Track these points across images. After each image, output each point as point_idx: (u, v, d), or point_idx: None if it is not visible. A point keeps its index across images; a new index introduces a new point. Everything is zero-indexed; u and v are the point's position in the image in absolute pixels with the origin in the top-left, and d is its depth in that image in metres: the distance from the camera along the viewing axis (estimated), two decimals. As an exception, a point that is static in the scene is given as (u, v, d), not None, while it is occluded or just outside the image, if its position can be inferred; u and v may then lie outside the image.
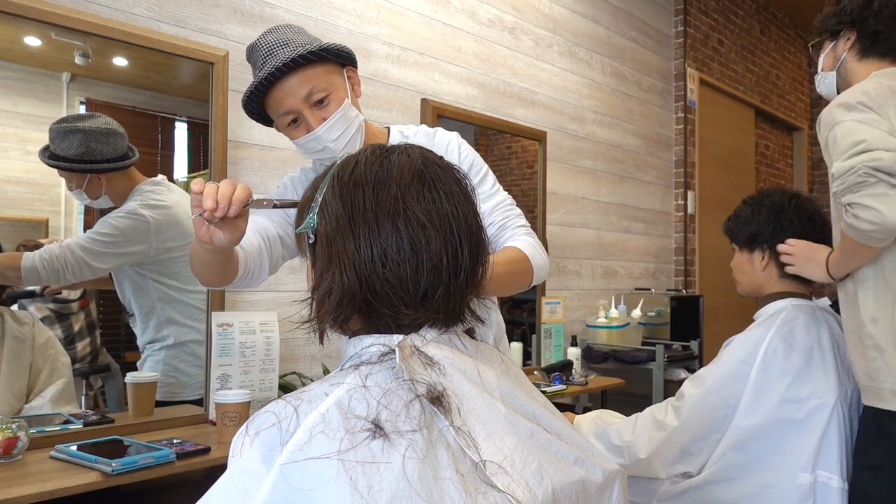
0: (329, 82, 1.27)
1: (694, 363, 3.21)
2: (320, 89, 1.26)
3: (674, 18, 4.21)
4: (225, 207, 1.00)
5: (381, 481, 0.63)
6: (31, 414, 1.67)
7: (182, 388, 1.90)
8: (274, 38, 1.26)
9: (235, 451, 0.69)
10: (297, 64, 1.23)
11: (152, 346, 1.90)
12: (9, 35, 1.68)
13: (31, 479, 1.32)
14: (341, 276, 0.74)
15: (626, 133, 3.80)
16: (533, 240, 1.36)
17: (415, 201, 0.75)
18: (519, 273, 1.29)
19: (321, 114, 1.27)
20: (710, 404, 1.56)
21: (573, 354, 2.94)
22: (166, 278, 1.89)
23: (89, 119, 1.76)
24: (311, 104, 1.26)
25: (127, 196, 1.84)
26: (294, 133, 1.30)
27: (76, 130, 1.73)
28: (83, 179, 1.77)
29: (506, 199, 1.41)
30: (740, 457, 1.52)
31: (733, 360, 1.58)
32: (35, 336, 1.74)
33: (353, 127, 1.31)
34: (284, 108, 1.26)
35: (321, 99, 1.26)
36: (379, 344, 0.75)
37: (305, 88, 1.24)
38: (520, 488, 0.69)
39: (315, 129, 1.26)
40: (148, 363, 1.90)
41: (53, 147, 1.73)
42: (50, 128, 1.72)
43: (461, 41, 2.83)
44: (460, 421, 0.71)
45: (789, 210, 1.65)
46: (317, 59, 1.25)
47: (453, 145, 1.41)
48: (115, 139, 1.80)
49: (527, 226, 1.40)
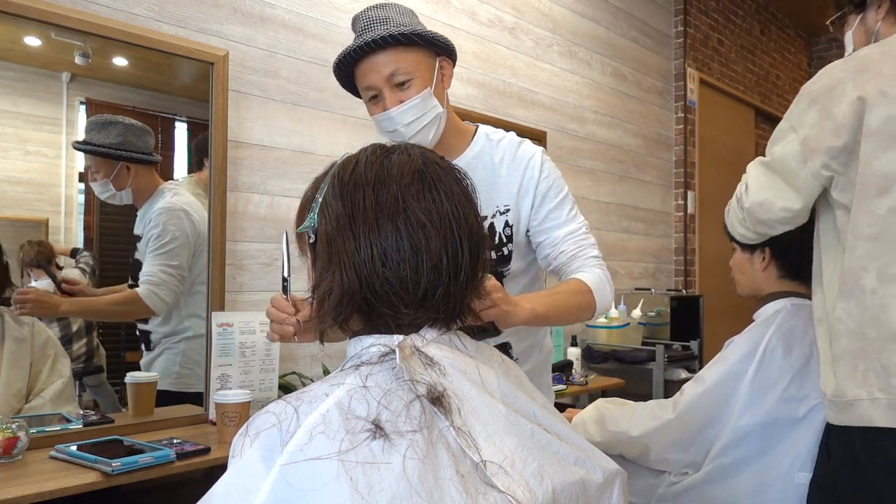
0: (416, 67, 1.27)
1: (694, 363, 3.21)
2: (405, 72, 1.26)
3: (674, 18, 4.21)
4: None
5: (382, 482, 0.63)
6: (31, 414, 1.67)
7: (196, 380, 1.92)
8: (377, 13, 1.28)
9: (235, 451, 0.69)
10: (387, 43, 1.24)
11: (170, 339, 1.94)
12: (9, 35, 1.68)
13: (31, 479, 1.32)
14: (341, 275, 0.74)
15: (626, 133, 3.80)
16: (603, 274, 1.31)
17: (415, 201, 0.75)
18: (579, 307, 1.26)
19: (400, 95, 1.27)
20: (708, 401, 1.57)
21: (573, 354, 2.95)
22: (195, 271, 1.95)
23: (125, 117, 1.88)
24: (392, 84, 1.26)
25: (150, 194, 1.94)
26: (373, 109, 1.31)
27: (116, 122, 1.85)
28: (112, 169, 1.85)
29: (581, 228, 1.36)
30: (739, 456, 1.52)
31: (733, 359, 1.59)
32: (35, 336, 1.74)
33: (430, 116, 1.30)
34: (367, 83, 1.28)
35: (403, 81, 1.26)
36: (379, 344, 0.75)
37: (391, 68, 1.25)
38: (520, 489, 0.69)
39: (390, 108, 1.27)
40: (164, 356, 1.93)
41: (89, 137, 1.82)
42: (89, 120, 1.84)
43: (461, 41, 2.82)
44: (461, 421, 0.71)
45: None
46: (409, 42, 1.26)
47: (535, 160, 1.37)
48: (147, 137, 1.92)
49: (599, 257, 1.35)
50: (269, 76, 2.17)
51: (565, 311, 1.24)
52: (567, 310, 1.24)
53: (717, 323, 4.07)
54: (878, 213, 1.18)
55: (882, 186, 1.18)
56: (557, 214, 1.35)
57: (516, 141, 1.41)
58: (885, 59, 1.24)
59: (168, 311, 1.93)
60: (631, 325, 3.27)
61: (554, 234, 1.34)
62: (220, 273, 1.93)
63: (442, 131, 1.33)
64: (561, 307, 1.22)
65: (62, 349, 1.79)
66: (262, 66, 2.15)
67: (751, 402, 1.52)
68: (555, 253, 1.34)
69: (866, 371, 1.17)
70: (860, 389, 1.17)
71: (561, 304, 1.21)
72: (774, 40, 5.34)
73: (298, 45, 2.25)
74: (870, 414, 1.16)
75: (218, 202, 1.92)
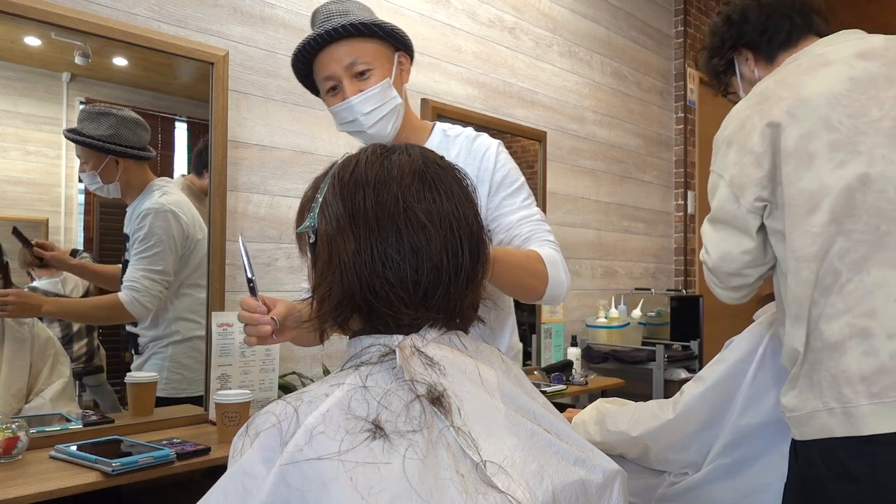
0: (375, 58, 1.28)
1: (694, 363, 3.21)
2: (364, 62, 1.27)
3: (674, 18, 4.21)
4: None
5: (382, 482, 0.63)
6: (31, 414, 1.67)
7: (187, 385, 1.91)
8: (337, 7, 1.29)
9: (235, 451, 0.69)
10: (348, 32, 1.25)
11: (158, 342, 1.91)
12: (9, 35, 1.68)
13: (31, 479, 1.32)
14: (342, 275, 0.74)
15: (626, 133, 3.80)
16: (557, 255, 1.30)
17: (415, 201, 0.75)
18: (530, 272, 1.23)
19: (360, 85, 1.28)
20: (708, 401, 1.57)
21: (573, 354, 2.95)
22: (181, 273, 1.92)
23: (121, 109, 1.84)
24: (352, 74, 1.27)
25: (141, 189, 1.89)
26: (331, 100, 1.31)
27: (109, 114, 1.80)
28: (101, 161, 1.80)
29: (536, 214, 1.37)
30: (739, 456, 1.52)
31: (733, 359, 1.58)
32: (35, 336, 1.74)
33: (388, 107, 1.30)
34: (327, 73, 1.28)
35: (363, 71, 1.27)
36: (379, 344, 0.75)
37: (351, 57, 1.26)
38: (520, 489, 0.69)
39: (349, 97, 1.27)
40: (152, 361, 1.90)
41: (80, 127, 1.78)
42: (82, 109, 1.79)
43: (461, 41, 2.82)
44: (460, 421, 0.71)
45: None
46: (370, 33, 1.27)
47: (491, 152, 1.38)
48: (141, 131, 1.87)
49: (555, 242, 1.35)
50: (269, 76, 2.17)
51: (516, 266, 1.20)
52: (518, 266, 1.21)
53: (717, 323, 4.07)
54: (812, 232, 1.19)
55: (811, 204, 1.19)
56: (512, 202, 1.36)
57: (472, 135, 1.42)
58: (781, 86, 1.26)
59: (155, 315, 1.90)
60: (631, 325, 3.27)
61: (508, 219, 1.34)
62: (220, 273, 1.93)
63: (400, 125, 1.34)
64: (513, 261, 1.19)
65: (62, 349, 1.80)
66: (262, 66, 2.15)
67: (751, 402, 1.52)
68: (509, 237, 1.33)
69: (819, 382, 1.18)
70: (817, 401, 1.18)
71: (513, 259, 1.19)
72: (774, 40, 5.33)
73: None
74: (829, 425, 1.17)
75: (218, 202, 1.92)
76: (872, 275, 1.13)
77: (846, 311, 1.15)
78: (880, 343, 1.11)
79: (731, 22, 1.47)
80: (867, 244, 1.14)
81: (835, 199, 1.16)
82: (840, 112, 1.18)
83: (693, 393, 1.59)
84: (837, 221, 1.16)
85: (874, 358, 1.11)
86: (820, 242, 1.18)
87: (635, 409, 1.68)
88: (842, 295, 1.15)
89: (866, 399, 1.12)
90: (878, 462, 1.11)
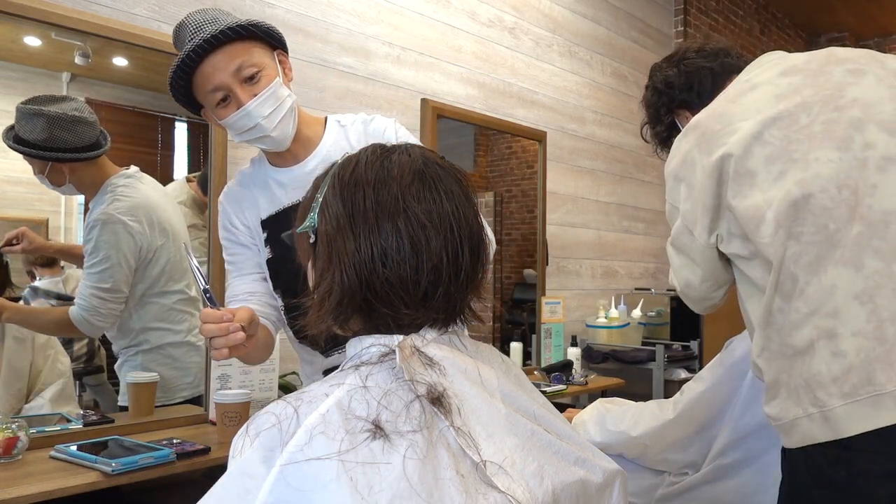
0: (259, 59, 1.24)
1: (694, 363, 3.21)
2: (250, 64, 1.22)
3: (674, 18, 4.21)
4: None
5: (382, 482, 0.63)
6: (31, 414, 1.67)
7: (162, 394, 1.82)
8: (202, 17, 1.23)
9: (235, 451, 0.69)
10: (226, 37, 1.19)
11: (128, 351, 1.84)
12: (9, 35, 1.68)
13: (31, 479, 1.32)
14: (342, 275, 0.74)
15: (626, 133, 3.80)
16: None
17: (415, 201, 0.75)
18: None
19: (252, 89, 1.23)
20: (709, 401, 1.57)
21: (573, 354, 2.94)
22: (143, 283, 1.81)
23: (57, 103, 1.66)
24: (241, 79, 1.22)
25: (98, 187, 1.75)
26: (223, 112, 1.24)
27: (40, 114, 1.62)
28: (45, 166, 1.67)
29: None
30: (739, 456, 1.52)
31: (733, 359, 1.59)
32: (35, 336, 1.74)
33: (286, 106, 1.27)
34: (213, 84, 1.21)
35: (252, 75, 1.22)
36: (379, 344, 0.75)
37: (235, 63, 1.21)
38: (520, 489, 0.69)
39: (245, 104, 1.22)
40: (125, 369, 1.84)
41: (18, 128, 1.63)
42: (17, 107, 1.63)
43: (461, 41, 2.82)
44: (461, 421, 0.71)
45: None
46: (247, 34, 1.23)
47: (390, 131, 1.37)
48: (81, 127, 1.68)
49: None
50: (269, 76, 2.17)
51: None
52: None
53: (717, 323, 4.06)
54: (763, 243, 1.20)
55: (758, 218, 1.21)
56: None
57: (367, 118, 1.40)
58: (712, 117, 1.30)
59: (120, 326, 1.81)
60: (631, 325, 3.27)
61: None
62: (220, 273, 1.92)
63: (297, 122, 1.32)
64: None
65: (62, 349, 1.80)
66: (262, 66, 2.15)
67: (751, 402, 1.52)
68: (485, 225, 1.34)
69: (796, 389, 1.18)
70: (797, 408, 1.19)
71: None
72: (774, 40, 5.34)
73: (298, 44, 2.24)
74: (811, 431, 1.17)
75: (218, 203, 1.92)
76: (829, 274, 1.14)
77: (810, 314, 1.15)
78: (846, 342, 1.12)
79: (659, 91, 1.56)
80: (818, 244, 1.15)
81: (776, 207, 1.18)
82: (771, 127, 1.21)
83: (693, 393, 1.59)
84: (784, 227, 1.17)
85: (842, 358, 1.12)
86: (772, 252, 1.18)
87: (635, 408, 1.68)
88: (803, 298, 1.15)
89: (839, 400, 1.12)
90: (854, 469, 1.12)
